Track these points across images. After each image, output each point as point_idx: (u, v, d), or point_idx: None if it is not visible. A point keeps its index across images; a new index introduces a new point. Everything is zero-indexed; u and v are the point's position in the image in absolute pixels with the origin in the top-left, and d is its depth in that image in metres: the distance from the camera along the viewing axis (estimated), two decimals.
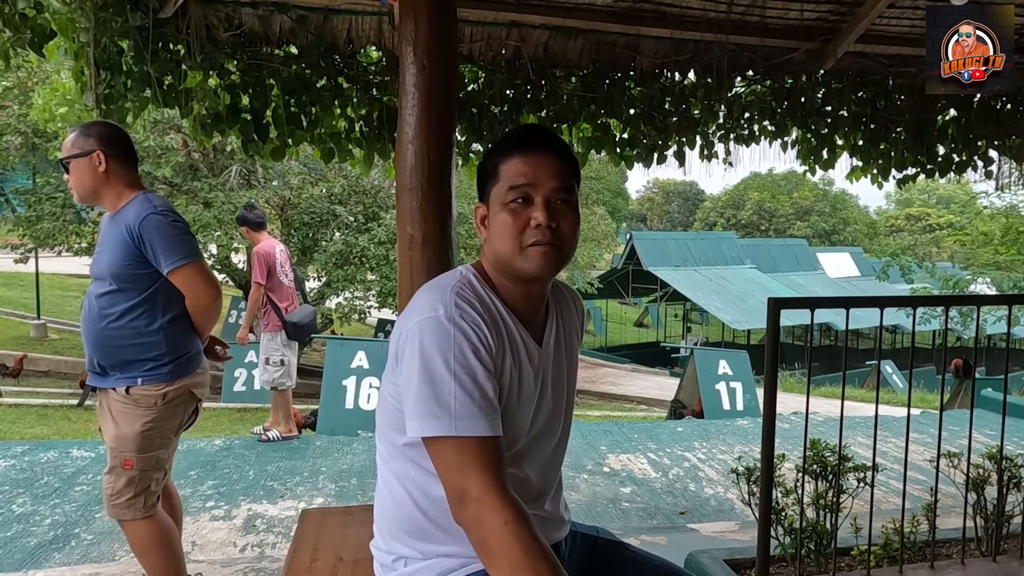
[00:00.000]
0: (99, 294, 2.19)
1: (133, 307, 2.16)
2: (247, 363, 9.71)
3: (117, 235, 2.16)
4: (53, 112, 8.60)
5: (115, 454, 2.19)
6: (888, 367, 17.61)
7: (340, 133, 3.57)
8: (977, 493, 2.55)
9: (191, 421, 2.37)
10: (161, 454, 2.24)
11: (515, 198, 1.20)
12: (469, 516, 1.08)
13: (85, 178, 2.20)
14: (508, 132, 1.30)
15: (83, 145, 2.19)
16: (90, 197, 2.24)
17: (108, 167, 2.19)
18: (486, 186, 1.25)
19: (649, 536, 3.29)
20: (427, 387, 1.10)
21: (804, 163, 4.22)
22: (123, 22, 2.89)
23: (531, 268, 1.20)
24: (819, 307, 2.31)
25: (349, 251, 12.92)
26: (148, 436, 2.19)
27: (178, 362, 2.22)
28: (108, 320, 2.17)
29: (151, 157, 11.52)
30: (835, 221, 43.64)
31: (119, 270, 2.15)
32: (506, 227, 1.20)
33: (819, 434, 2.78)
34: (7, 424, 7.66)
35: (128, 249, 2.13)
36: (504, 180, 1.21)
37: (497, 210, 1.21)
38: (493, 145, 1.28)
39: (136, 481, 2.18)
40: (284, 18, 3.24)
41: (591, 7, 3.43)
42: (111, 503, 2.20)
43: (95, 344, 2.21)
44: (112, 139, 2.22)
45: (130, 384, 2.18)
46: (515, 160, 1.21)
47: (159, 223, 2.13)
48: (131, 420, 2.18)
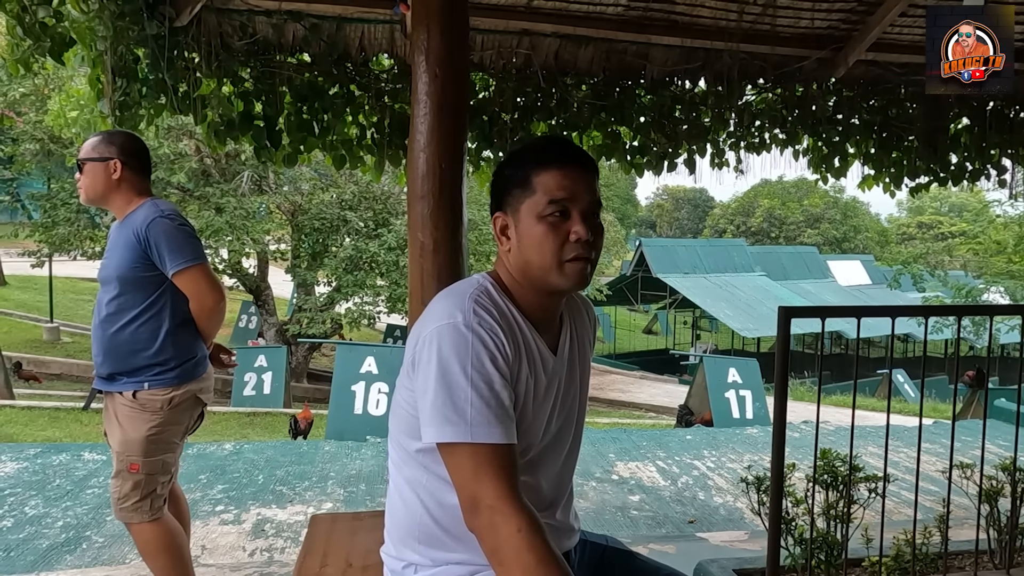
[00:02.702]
0: (107, 300, 2.22)
1: (141, 312, 2.19)
2: (257, 367, 9.77)
3: (124, 239, 2.19)
4: (67, 117, 8.70)
5: (121, 458, 2.21)
6: (900, 376, 17.46)
7: (352, 140, 3.60)
8: (990, 505, 2.52)
9: (196, 425, 2.38)
10: (167, 458, 2.26)
11: (554, 211, 1.19)
12: (482, 523, 1.08)
13: (98, 182, 2.25)
14: (536, 142, 1.27)
15: (103, 151, 2.24)
16: (99, 200, 2.29)
17: (122, 176, 2.24)
18: (511, 196, 1.23)
19: (658, 545, 3.27)
20: (443, 393, 1.11)
21: (816, 171, 4.21)
22: (140, 30, 2.93)
23: (567, 283, 1.20)
24: (830, 316, 2.30)
25: (359, 257, 12.99)
26: (154, 440, 2.21)
27: (184, 367, 2.25)
28: (117, 325, 2.20)
29: (165, 163, 11.65)
30: (846, 229, 43.38)
31: (126, 273, 2.18)
32: (546, 241, 1.19)
33: (830, 443, 2.77)
34: (20, 426, 7.73)
35: (135, 252, 2.16)
36: (542, 192, 1.19)
37: (532, 223, 1.20)
38: (520, 154, 1.25)
39: (142, 485, 2.20)
40: (297, 26, 3.27)
41: (602, 16, 3.44)
42: (118, 507, 2.23)
43: (105, 349, 2.23)
44: (131, 151, 2.28)
45: (137, 388, 2.20)
46: (554, 173, 1.20)
47: (166, 226, 2.17)
48: (137, 424, 2.20)
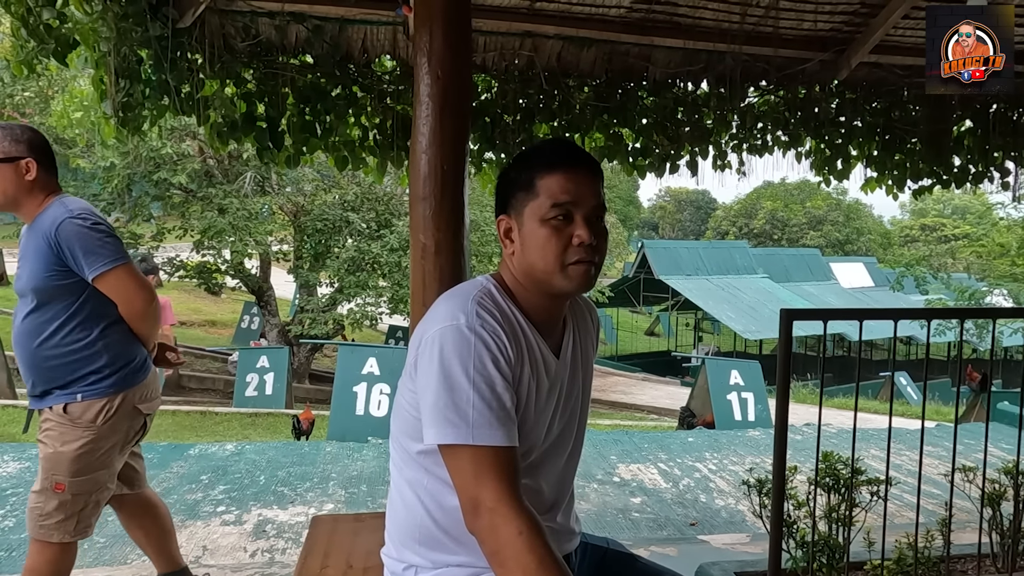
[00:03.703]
0: (26, 313, 2.01)
1: (64, 322, 1.99)
2: (259, 368, 9.77)
3: (35, 245, 1.98)
4: (71, 118, 8.74)
5: (46, 475, 2.01)
6: (902, 379, 17.41)
7: (354, 141, 3.60)
8: (993, 508, 2.52)
9: (138, 437, 2.18)
10: (100, 475, 2.05)
11: (557, 215, 1.19)
12: (483, 526, 1.08)
13: (8, 185, 1.99)
14: (541, 145, 1.27)
15: (11, 150, 1.99)
16: (9, 206, 2.03)
17: (36, 176, 2.02)
18: (515, 198, 1.23)
19: (659, 547, 3.26)
20: (445, 395, 1.11)
21: (818, 174, 4.20)
22: (143, 32, 2.94)
23: (571, 286, 1.21)
24: (832, 319, 2.29)
25: (361, 258, 12.99)
26: (84, 457, 2.01)
27: (121, 373, 2.05)
28: (40, 339, 1.99)
29: (168, 164, 11.67)
30: (849, 231, 43.30)
31: (41, 283, 1.97)
32: (549, 244, 1.19)
33: (832, 446, 2.77)
34: (20, 427, 7.73)
35: (48, 259, 1.95)
36: (545, 196, 1.20)
37: (535, 226, 1.20)
38: (525, 157, 1.25)
39: (68, 505, 2.01)
40: (300, 28, 3.28)
41: (604, 17, 3.45)
42: (39, 522, 2.02)
43: (31, 367, 2.02)
44: (41, 146, 2.05)
45: (68, 401, 1.99)
46: (558, 176, 1.20)
47: (77, 228, 1.95)
48: (66, 440, 1.99)
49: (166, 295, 18.22)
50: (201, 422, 8.95)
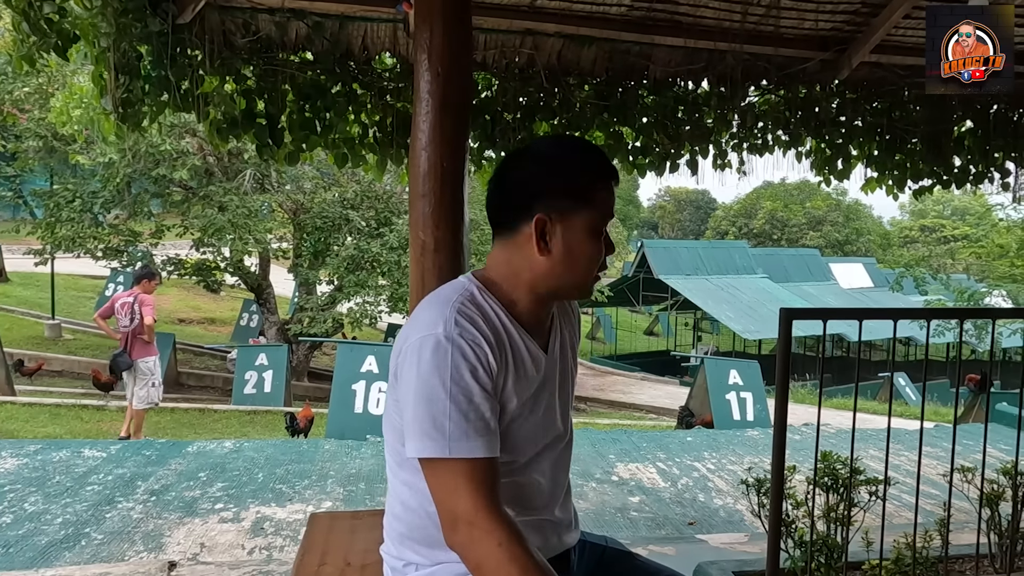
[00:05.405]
0: None
1: None
2: (257, 366, 9.77)
3: None
4: (70, 114, 8.72)
5: None
6: (901, 379, 17.43)
7: (354, 139, 3.59)
8: (991, 509, 2.52)
9: None
10: None
11: (602, 229, 1.20)
12: (462, 540, 1.07)
13: None
14: (589, 153, 1.22)
15: None
16: None
17: None
18: (560, 202, 1.17)
19: (657, 546, 3.26)
20: (423, 407, 1.10)
21: (819, 174, 4.20)
22: (143, 28, 2.93)
23: (585, 296, 1.24)
24: (832, 318, 2.29)
25: (361, 256, 12.97)
26: None
27: None
28: None
29: (167, 161, 11.64)
30: (848, 231, 43.33)
31: None
32: (592, 259, 1.20)
33: (831, 446, 2.76)
34: (20, 423, 7.72)
35: None
36: (599, 209, 1.19)
37: (584, 237, 1.18)
38: (575, 161, 1.20)
39: None
40: (300, 24, 3.27)
41: (605, 16, 3.44)
42: None
43: None
44: None
45: None
46: (609, 190, 1.21)
47: None
48: None
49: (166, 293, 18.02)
50: (200, 419, 8.95)
